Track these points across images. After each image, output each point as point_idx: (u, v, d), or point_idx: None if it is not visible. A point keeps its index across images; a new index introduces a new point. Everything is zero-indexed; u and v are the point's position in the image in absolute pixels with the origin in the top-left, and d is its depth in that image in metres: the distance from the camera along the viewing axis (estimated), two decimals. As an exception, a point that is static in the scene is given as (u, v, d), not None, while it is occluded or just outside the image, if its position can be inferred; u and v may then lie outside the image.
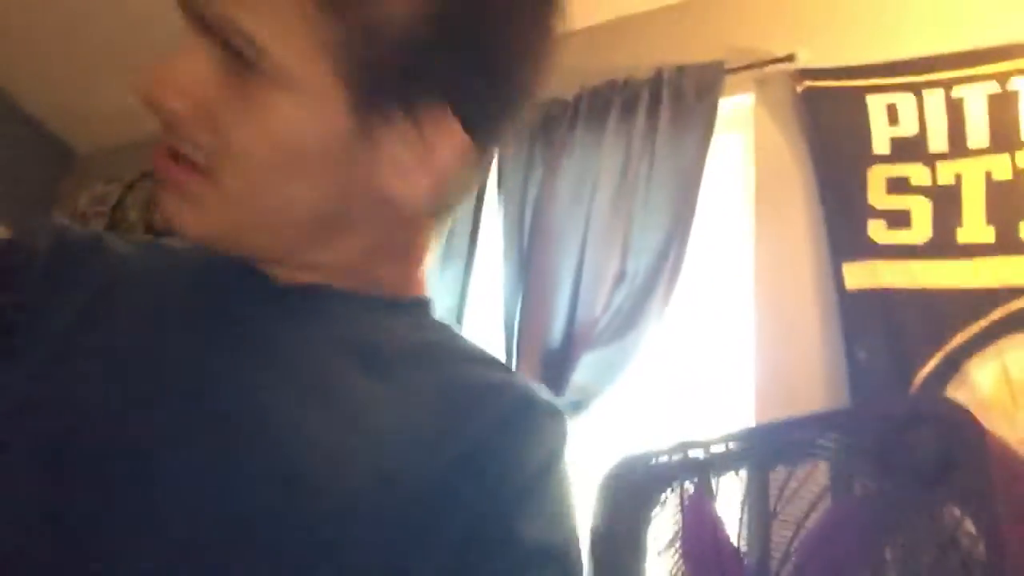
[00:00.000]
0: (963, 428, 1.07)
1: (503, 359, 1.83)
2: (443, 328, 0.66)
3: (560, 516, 0.58)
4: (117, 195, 2.90)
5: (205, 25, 0.49)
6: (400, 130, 0.53)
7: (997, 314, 1.53)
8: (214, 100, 0.50)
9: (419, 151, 0.54)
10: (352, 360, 0.56)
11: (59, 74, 2.84)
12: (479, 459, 0.55)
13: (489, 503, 0.54)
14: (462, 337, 0.67)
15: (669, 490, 1.28)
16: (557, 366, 1.75)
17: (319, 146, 0.52)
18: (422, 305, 0.66)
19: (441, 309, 0.69)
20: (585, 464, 1.50)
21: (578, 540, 0.58)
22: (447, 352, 0.63)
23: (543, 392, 0.64)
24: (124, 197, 2.89)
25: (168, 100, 0.50)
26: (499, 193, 2.09)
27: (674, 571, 1.24)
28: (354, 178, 0.54)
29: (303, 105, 0.50)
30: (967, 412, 1.08)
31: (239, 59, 0.49)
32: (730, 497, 1.22)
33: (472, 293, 2.00)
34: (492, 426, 0.57)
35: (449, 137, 0.54)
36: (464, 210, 2.07)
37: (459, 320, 1.92)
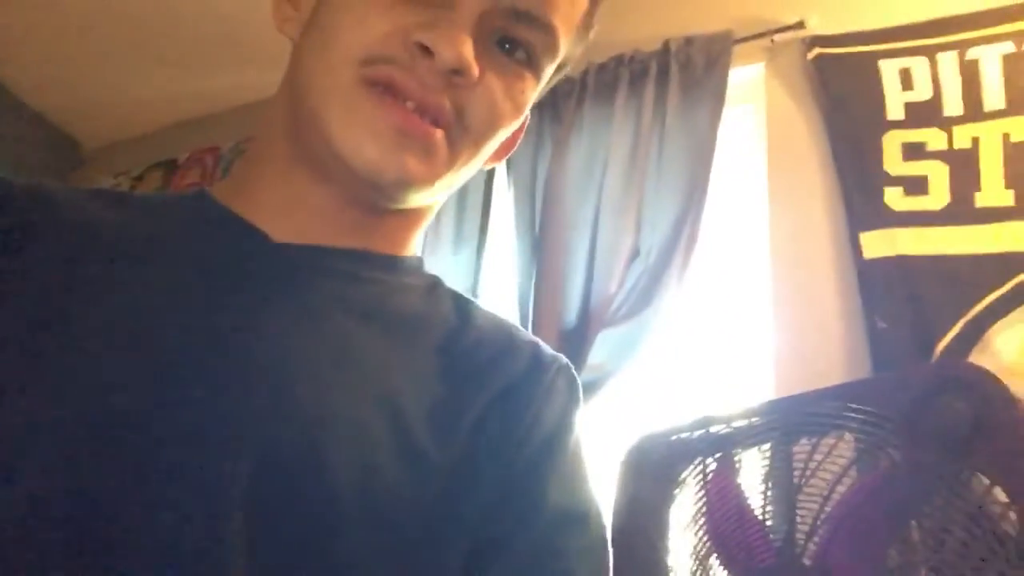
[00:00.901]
0: (991, 394, 1.05)
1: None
2: (442, 287, 0.66)
3: (578, 475, 0.59)
4: (127, 187, 2.90)
5: (519, 15, 0.56)
6: None
7: (1019, 279, 1.50)
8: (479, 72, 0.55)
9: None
10: (363, 321, 0.56)
11: (62, 69, 2.83)
12: (495, 423, 0.55)
13: (509, 468, 0.54)
14: (463, 296, 0.67)
15: (692, 466, 1.27)
16: (573, 345, 1.73)
17: None
18: (418, 263, 0.66)
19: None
20: (605, 443, 1.50)
21: (597, 499, 0.59)
22: (453, 312, 0.63)
23: (549, 349, 0.65)
24: (133, 189, 2.89)
25: (467, 50, 0.53)
26: (508, 173, 2.07)
27: (699, 547, 1.24)
28: None
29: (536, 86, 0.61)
30: (995, 378, 1.07)
31: (517, 52, 0.58)
32: (754, 472, 1.21)
33: (485, 275, 1.99)
34: (505, 389, 0.57)
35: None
36: (474, 191, 2.05)
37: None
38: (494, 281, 2.03)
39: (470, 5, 0.53)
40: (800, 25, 1.92)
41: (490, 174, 2.07)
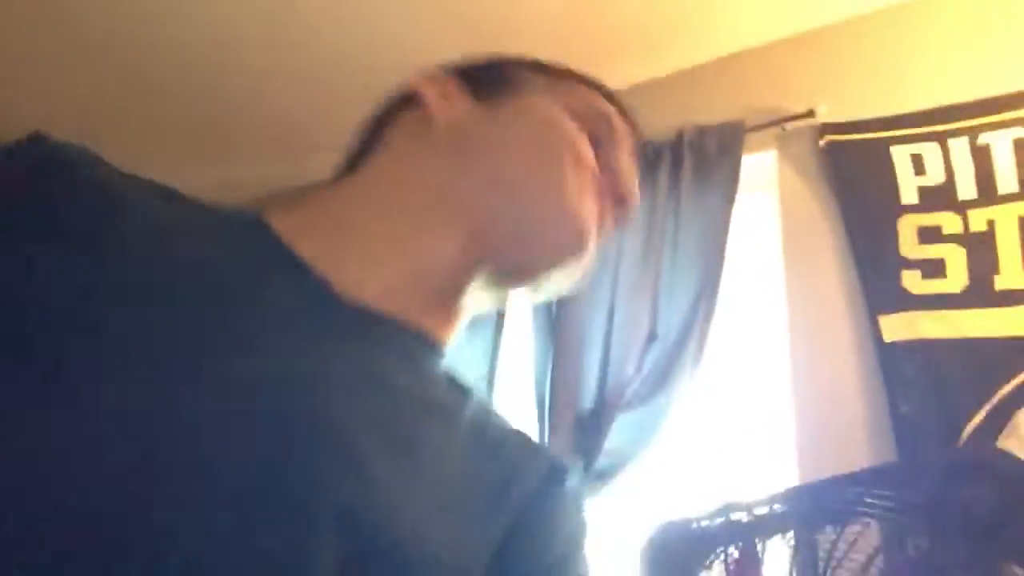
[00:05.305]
0: (1015, 478, 1.03)
1: (536, 424, 1.80)
2: (457, 378, 0.64)
3: None
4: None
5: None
6: None
7: (1044, 361, 1.48)
8: None
9: None
10: (413, 405, 0.54)
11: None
12: (516, 537, 0.54)
13: None
14: (472, 388, 0.65)
15: (713, 555, 1.23)
16: (590, 429, 1.72)
17: None
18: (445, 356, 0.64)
19: (472, 375, 0.69)
20: (622, 531, 1.46)
21: None
22: (475, 405, 0.61)
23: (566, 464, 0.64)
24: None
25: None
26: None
27: (722, 641, 1.19)
28: None
29: None
30: (1018, 461, 1.05)
31: None
32: (778, 561, 1.17)
33: (502, 358, 1.98)
34: (529, 501, 0.56)
35: None
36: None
37: (491, 385, 1.90)
38: (511, 366, 2.02)
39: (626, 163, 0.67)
40: (810, 114, 1.95)
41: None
